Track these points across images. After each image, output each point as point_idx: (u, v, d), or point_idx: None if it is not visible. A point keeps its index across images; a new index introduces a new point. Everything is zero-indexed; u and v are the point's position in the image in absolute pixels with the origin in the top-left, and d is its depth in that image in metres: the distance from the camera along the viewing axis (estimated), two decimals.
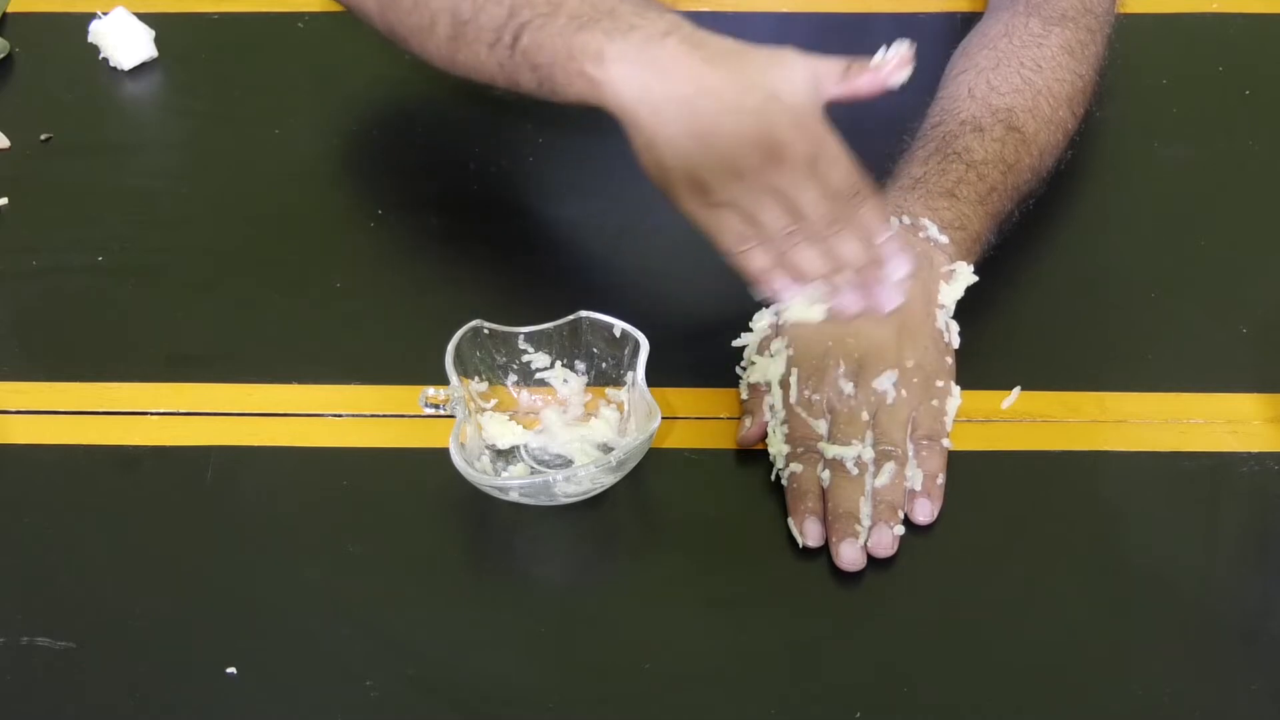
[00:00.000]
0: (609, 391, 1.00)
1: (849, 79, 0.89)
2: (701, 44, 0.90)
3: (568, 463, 0.98)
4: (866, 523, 0.94)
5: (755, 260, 0.92)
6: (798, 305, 0.94)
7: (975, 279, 1.01)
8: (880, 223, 0.91)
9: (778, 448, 0.97)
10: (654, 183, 0.92)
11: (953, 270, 1.00)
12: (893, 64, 0.90)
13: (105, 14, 1.25)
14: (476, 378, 0.99)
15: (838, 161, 0.89)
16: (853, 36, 1.27)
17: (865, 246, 0.91)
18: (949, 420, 0.98)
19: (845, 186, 0.90)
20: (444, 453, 0.93)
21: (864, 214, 0.91)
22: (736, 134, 0.88)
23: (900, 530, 0.94)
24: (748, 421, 0.99)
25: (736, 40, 0.91)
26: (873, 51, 0.90)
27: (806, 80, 0.89)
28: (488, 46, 0.95)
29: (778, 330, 1.00)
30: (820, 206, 0.90)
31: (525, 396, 1.00)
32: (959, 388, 0.99)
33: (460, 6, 0.96)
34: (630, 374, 0.98)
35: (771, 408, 0.98)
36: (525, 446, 0.99)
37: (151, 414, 1.02)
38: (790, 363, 0.99)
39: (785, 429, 0.97)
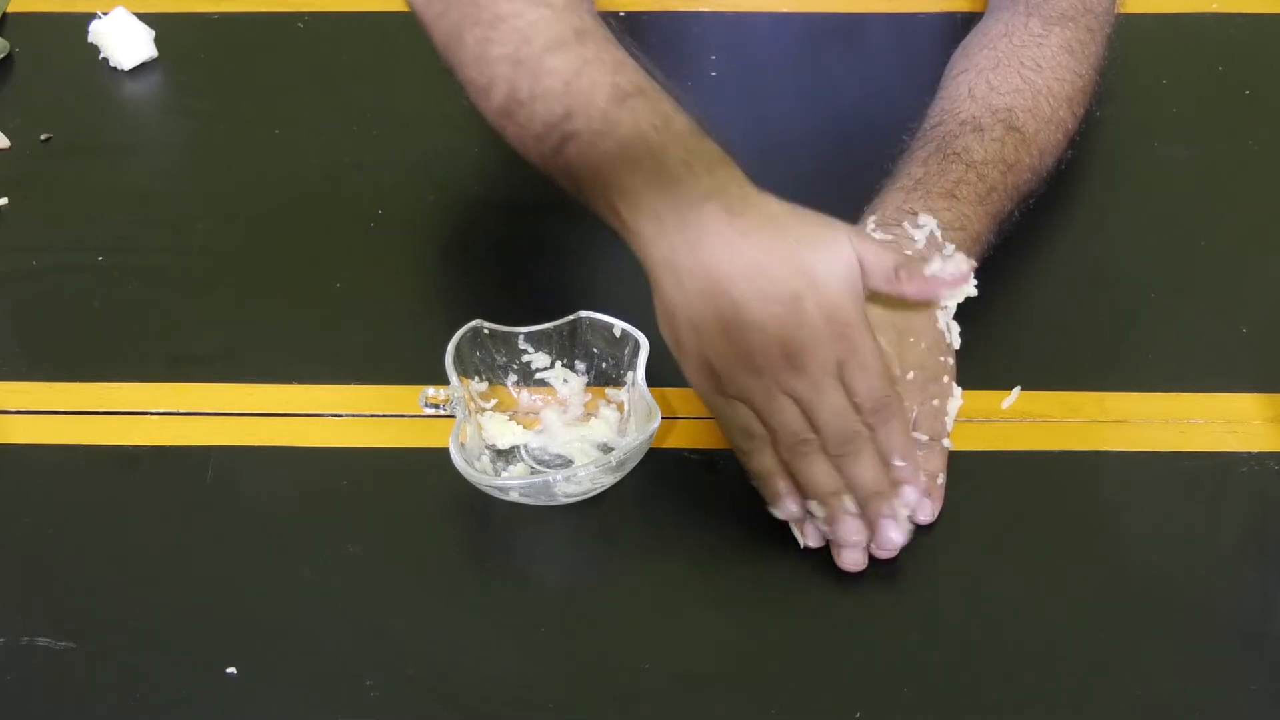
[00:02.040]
0: (609, 391, 1.00)
1: (898, 283, 0.84)
2: (742, 212, 0.83)
3: (568, 463, 0.98)
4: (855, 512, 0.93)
5: (758, 462, 0.88)
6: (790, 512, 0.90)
7: (975, 292, 1.00)
8: (902, 444, 0.87)
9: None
10: (669, 347, 0.88)
11: None
12: (949, 279, 0.85)
13: (105, 14, 1.25)
14: (476, 378, 0.99)
15: (867, 370, 0.84)
16: (854, 36, 1.27)
17: (879, 473, 0.87)
18: (950, 420, 0.98)
19: (869, 400, 0.85)
20: (444, 453, 0.93)
21: (884, 433, 0.86)
22: (760, 327, 0.83)
23: (907, 526, 0.93)
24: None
25: (783, 205, 0.84)
26: (872, 50, 0.89)
27: (850, 269, 0.83)
28: (535, 137, 0.91)
29: None
30: (838, 421, 0.85)
31: (525, 396, 1.00)
32: (960, 389, 0.98)
33: (519, 84, 0.90)
34: (630, 374, 0.98)
35: None
36: (525, 446, 0.99)
37: (151, 414, 1.02)
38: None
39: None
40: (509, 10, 0.93)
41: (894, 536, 0.90)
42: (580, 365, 1.00)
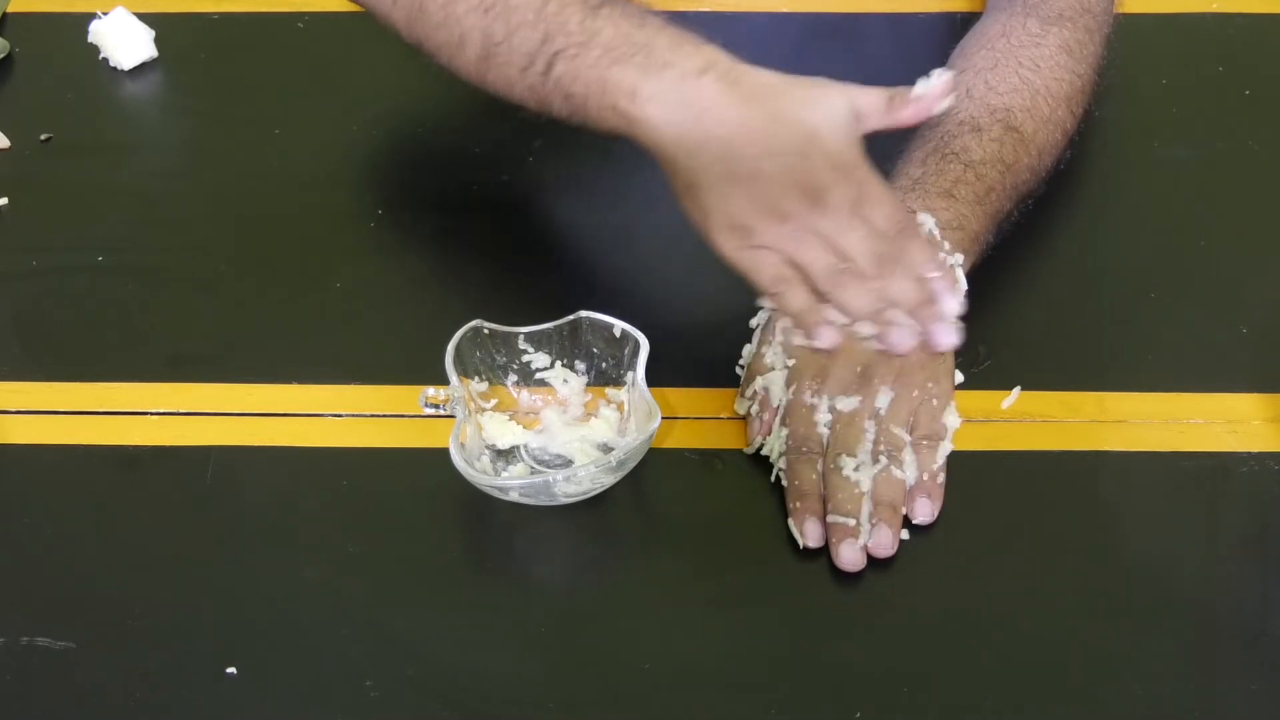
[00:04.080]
0: (609, 391, 1.00)
1: (891, 111, 0.88)
2: (738, 80, 0.88)
3: (568, 463, 0.98)
4: (866, 524, 0.94)
5: (795, 300, 0.90)
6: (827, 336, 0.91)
7: (964, 286, 1.01)
8: (928, 260, 0.90)
9: (778, 449, 0.97)
10: (692, 223, 0.90)
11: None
12: (936, 93, 0.88)
13: (105, 14, 1.25)
14: (476, 378, 0.99)
15: (881, 201, 0.88)
16: (853, 36, 1.27)
17: (917, 285, 0.90)
18: (950, 427, 0.98)
19: (890, 226, 0.88)
20: (444, 453, 0.93)
21: (910, 252, 0.89)
22: (778, 178, 0.87)
23: (902, 531, 0.94)
24: (755, 425, 0.98)
25: (773, 73, 0.89)
26: (871, 50, 0.90)
27: (845, 115, 0.87)
28: (519, 70, 0.94)
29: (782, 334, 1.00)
30: (866, 247, 0.88)
31: (525, 396, 1.00)
32: (959, 418, 0.98)
33: (493, 28, 0.94)
34: (630, 374, 0.98)
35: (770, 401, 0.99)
36: (525, 446, 0.99)
37: (151, 414, 1.02)
38: (791, 363, 0.99)
39: (785, 430, 0.97)
40: None
41: (948, 337, 0.91)
42: (580, 365, 1.00)
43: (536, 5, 0.93)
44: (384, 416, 1.01)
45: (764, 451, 0.98)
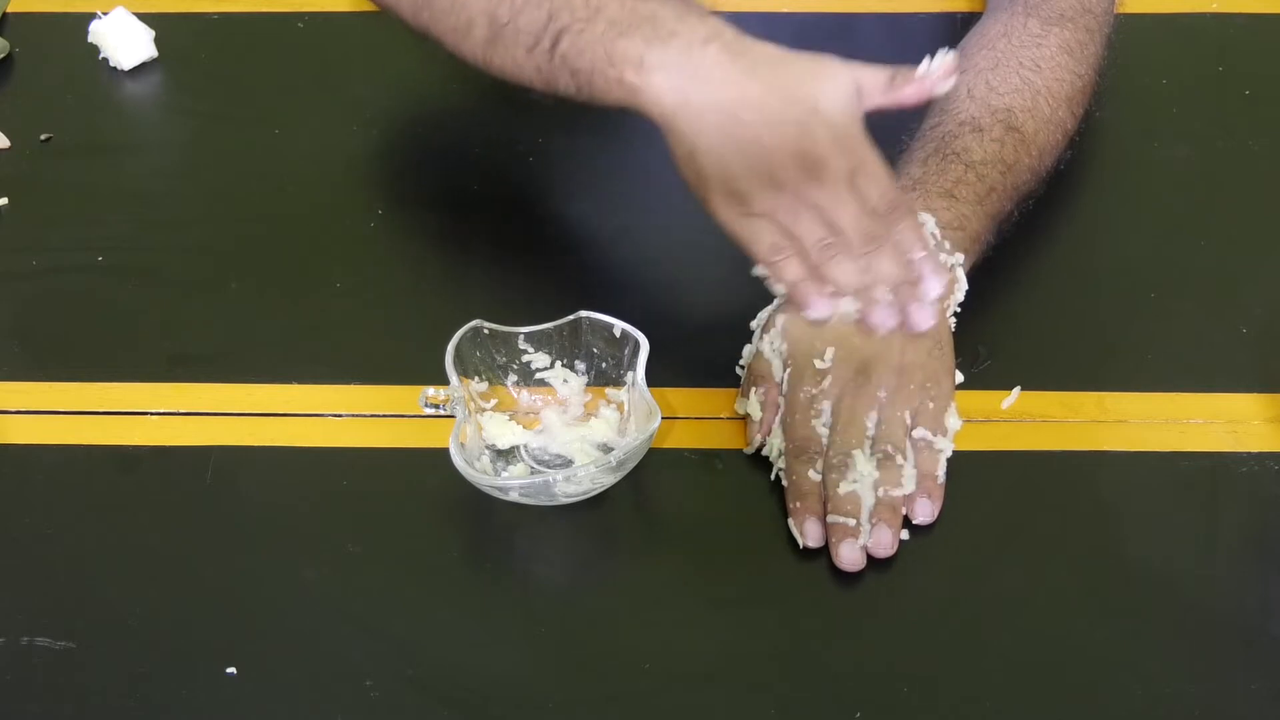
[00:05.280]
0: (609, 391, 1.00)
1: (894, 89, 0.89)
2: (743, 51, 0.89)
3: (568, 463, 0.98)
4: (866, 524, 0.94)
5: (789, 270, 0.91)
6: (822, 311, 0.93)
7: (964, 286, 1.01)
8: (917, 241, 0.90)
9: (777, 448, 0.97)
10: (692, 189, 0.91)
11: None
12: (939, 73, 0.89)
13: (105, 14, 1.25)
14: (476, 378, 0.99)
15: (877, 178, 0.89)
16: (853, 36, 1.27)
17: (902, 264, 0.90)
18: (951, 428, 0.98)
19: (883, 203, 0.89)
20: (444, 453, 0.93)
21: (901, 231, 0.90)
22: (777, 146, 0.88)
23: (902, 531, 0.94)
24: (754, 428, 0.98)
25: (778, 47, 0.90)
26: (871, 50, 0.90)
27: (848, 91, 0.88)
28: (526, 50, 0.94)
29: (782, 332, 1.00)
30: (858, 222, 0.89)
31: (525, 396, 1.00)
32: (959, 419, 0.98)
33: (498, 9, 0.95)
34: (630, 374, 0.98)
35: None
36: (525, 446, 0.99)
37: (151, 414, 1.02)
38: (789, 363, 0.99)
39: (785, 429, 0.97)
40: None
41: (924, 319, 0.92)
42: (580, 365, 1.00)
43: None
44: (384, 416, 1.01)
45: (764, 452, 0.98)
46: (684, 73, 0.89)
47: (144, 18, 1.25)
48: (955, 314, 1.00)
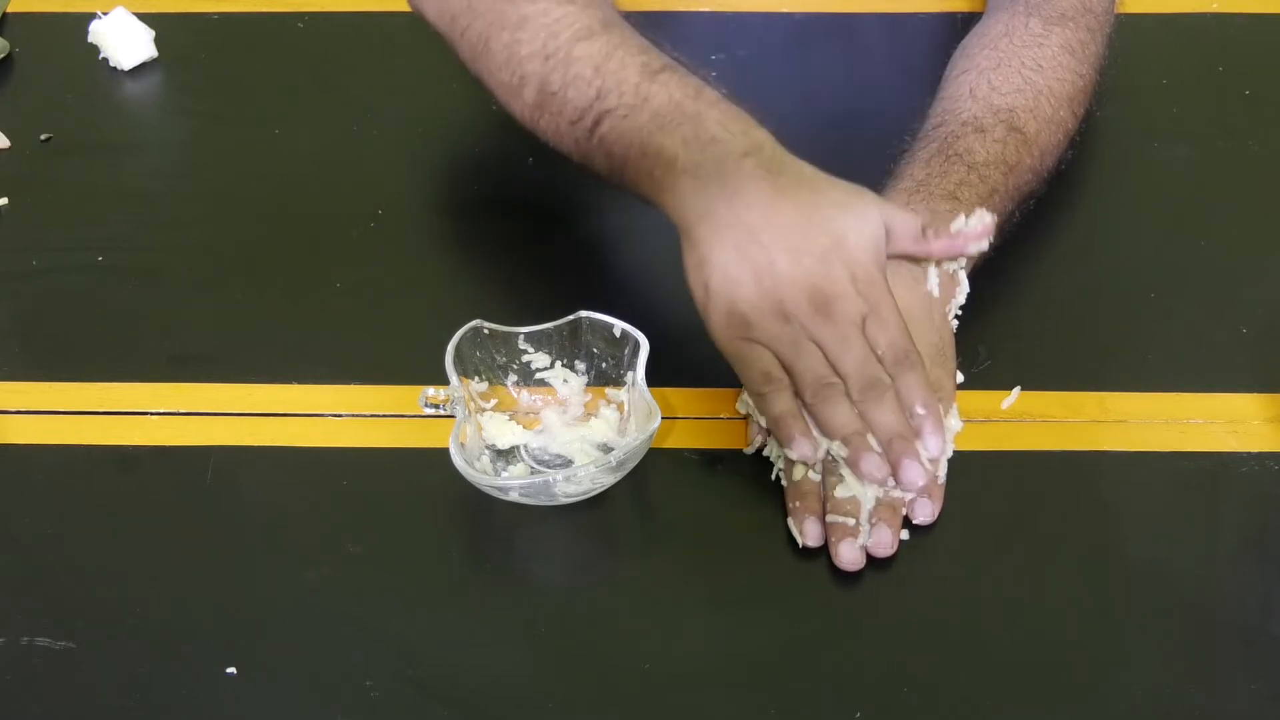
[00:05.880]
0: (609, 391, 1.00)
1: (925, 241, 0.87)
2: (779, 170, 0.87)
3: (568, 463, 0.98)
4: (866, 524, 0.94)
5: (777, 404, 0.90)
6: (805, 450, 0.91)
7: (966, 288, 1.01)
8: (922, 396, 0.89)
9: (778, 449, 0.97)
10: (696, 303, 0.90)
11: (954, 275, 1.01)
12: (975, 233, 0.88)
13: (105, 14, 1.25)
14: (476, 378, 0.99)
15: (888, 325, 0.88)
16: (853, 36, 1.27)
17: (900, 418, 0.89)
18: (951, 429, 0.98)
19: (892, 353, 0.88)
20: (444, 453, 0.93)
21: (906, 384, 0.89)
22: (791, 277, 0.86)
23: (902, 531, 0.94)
24: (754, 428, 0.98)
25: (817, 171, 0.88)
26: (871, 50, 0.89)
27: (877, 232, 0.87)
28: (569, 123, 0.94)
29: None
30: (863, 368, 0.88)
31: (525, 396, 1.00)
32: (960, 421, 0.98)
33: (551, 76, 0.94)
34: (630, 374, 0.98)
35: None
36: (525, 446, 0.99)
37: (151, 414, 1.02)
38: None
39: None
40: (533, 10, 0.97)
41: (916, 476, 0.91)
42: (580, 365, 1.00)
43: (597, 60, 0.93)
44: (384, 416, 1.01)
45: (764, 451, 0.98)
46: (714, 182, 0.87)
47: (144, 18, 1.25)
48: (957, 316, 1.00)
